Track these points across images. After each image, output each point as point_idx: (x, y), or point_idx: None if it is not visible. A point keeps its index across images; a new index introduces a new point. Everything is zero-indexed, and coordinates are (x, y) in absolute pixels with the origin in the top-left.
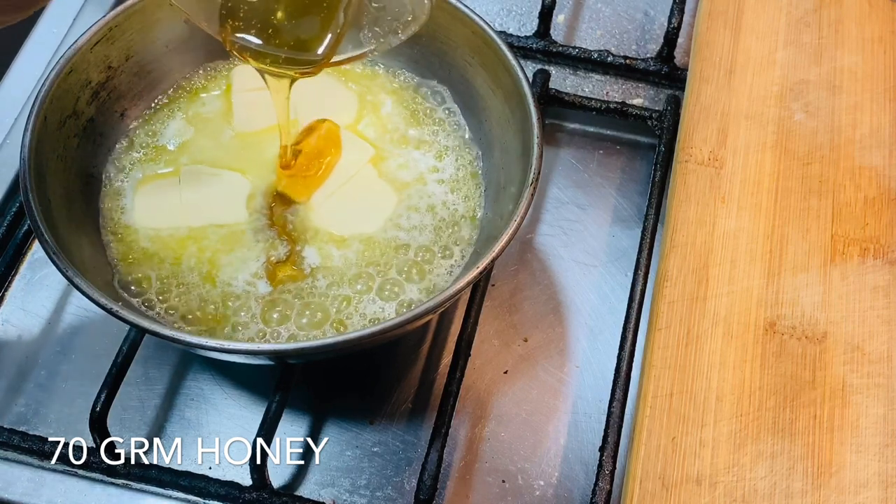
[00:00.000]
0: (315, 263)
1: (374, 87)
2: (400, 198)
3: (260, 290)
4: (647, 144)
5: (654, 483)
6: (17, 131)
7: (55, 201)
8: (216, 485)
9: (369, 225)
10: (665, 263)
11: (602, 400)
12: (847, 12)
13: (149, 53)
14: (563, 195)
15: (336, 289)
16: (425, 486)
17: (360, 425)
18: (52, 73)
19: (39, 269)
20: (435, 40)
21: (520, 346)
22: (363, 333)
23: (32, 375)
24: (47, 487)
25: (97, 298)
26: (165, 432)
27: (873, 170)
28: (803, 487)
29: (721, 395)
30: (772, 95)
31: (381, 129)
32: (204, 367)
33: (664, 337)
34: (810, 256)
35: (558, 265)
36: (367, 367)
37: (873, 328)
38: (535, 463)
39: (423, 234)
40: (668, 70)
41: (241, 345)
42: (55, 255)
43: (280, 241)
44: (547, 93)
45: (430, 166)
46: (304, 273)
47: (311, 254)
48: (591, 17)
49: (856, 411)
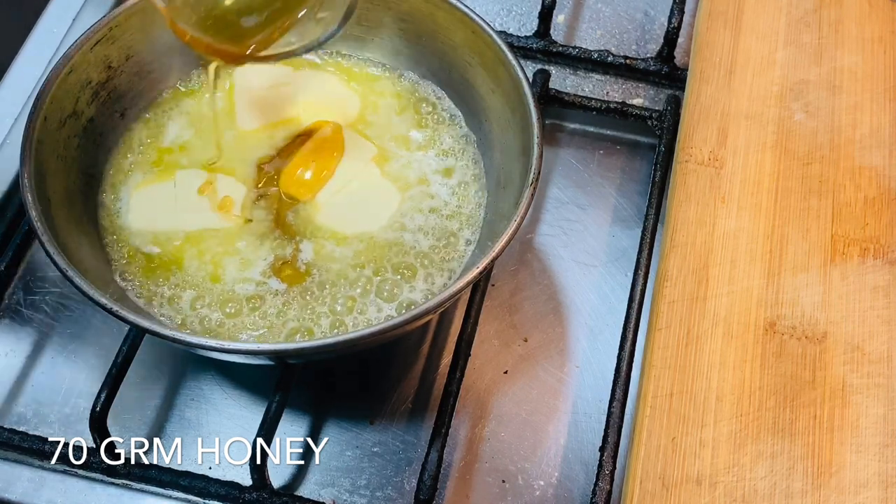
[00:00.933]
0: (316, 263)
1: (376, 87)
2: (403, 197)
3: (261, 289)
4: (647, 144)
5: (654, 483)
6: (17, 131)
7: (55, 201)
8: (216, 485)
9: (373, 223)
10: (665, 263)
11: (602, 400)
12: (847, 12)
13: (149, 53)
14: (563, 195)
15: (336, 288)
16: (425, 486)
17: (360, 425)
18: (52, 73)
19: (39, 269)
20: (435, 40)
21: (520, 346)
22: (363, 333)
23: (32, 375)
24: (47, 487)
25: (97, 298)
26: (165, 432)
27: (873, 170)
28: (803, 487)
29: (721, 395)
30: (772, 95)
31: (382, 129)
32: (204, 367)
33: (664, 337)
34: (810, 256)
35: (558, 265)
36: (367, 367)
37: (873, 328)
38: (535, 463)
39: (424, 233)
40: (668, 70)
41: (241, 345)
42: (55, 255)
43: (283, 241)
44: (547, 93)
45: (431, 166)
46: (306, 273)
47: (312, 253)
48: (591, 17)
49: (856, 411)
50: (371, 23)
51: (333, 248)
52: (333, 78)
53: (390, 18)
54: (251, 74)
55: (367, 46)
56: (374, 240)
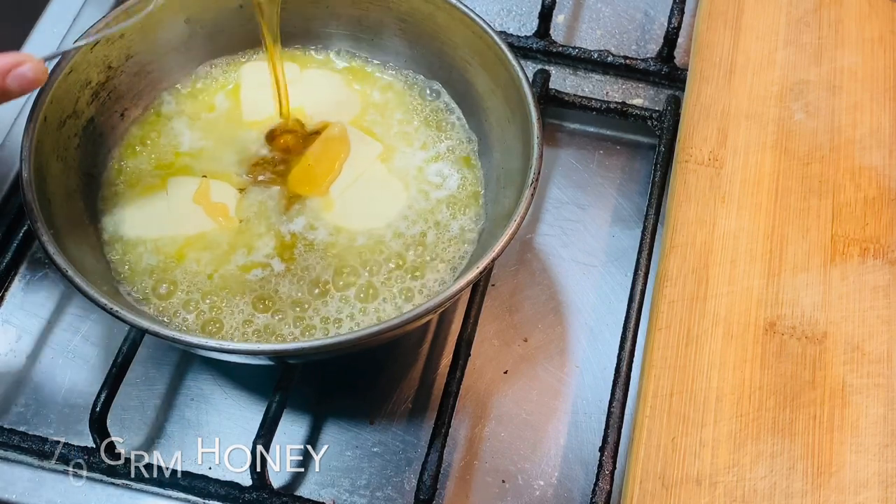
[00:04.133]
0: (316, 262)
1: (377, 87)
2: (407, 195)
3: (261, 289)
4: (647, 144)
5: (654, 483)
6: (17, 131)
7: (55, 201)
8: (216, 485)
9: (380, 219)
10: (665, 263)
11: (602, 400)
12: (847, 12)
13: (149, 53)
14: (563, 195)
15: (336, 288)
16: (425, 486)
17: (360, 425)
18: (52, 73)
19: (39, 269)
20: (435, 40)
21: (520, 346)
22: (363, 333)
23: (32, 375)
24: (47, 487)
25: (97, 298)
26: (165, 432)
27: (873, 170)
28: (803, 487)
29: (721, 395)
30: (772, 95)
31: (383, 128)
32: (204, 367)
33: (664, 337)
34: (810, 256)
35: (558, 265)
36: (367, 367)
37: (873, 328)
38: (535, 463)
39: (424, 233)
40: (668, 70)
41: (241, 345)
42: (55, 255)
43: (283, 240)
44: (547, 93)
45: (431, 166)
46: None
47: (313, 252)
48: (591, 17)
49: (856, 411)
50: (371, 23)
51: (334, 247)
52: (337, 76)
53: (390, 19)
54: (259, 73)
55: (367, 46)
56: (375, 237)
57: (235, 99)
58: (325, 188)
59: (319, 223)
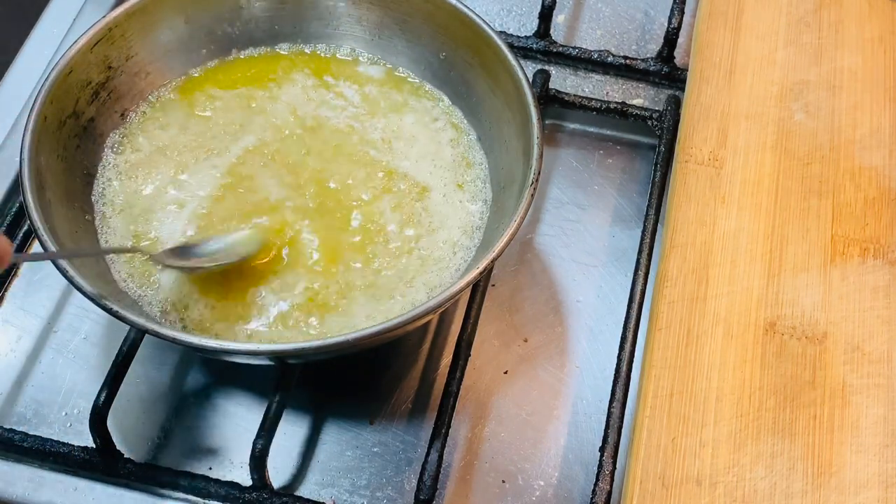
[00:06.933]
0: (316, 261)
1: (376, 86)
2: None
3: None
4: (647, 144)
5: (654, 483)
6: (17, 131)
7: (55, 202)
8: (216, 485)
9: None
10: (665, 263)
11: (602, 400)
12: (847, 12)
13: (149, 53)
14: (563, 195)
15: (337, 288)
16: (425, 486)
17: (360, 425)
18: (52, 73)
19: (39, 269)
20: (435, 40)
21: (520, 346)
22: (363, 333)
23: (32, 375)
24: (47, 487)
25: (97, 298)
26: (165, 432)
27: (873, 170)
28: (803, 487)
29: (721, 395)
30: (772, 95)
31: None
32: (204, 367)
33: (664, 337)
34: (810, 256)
35: (558, 265)
36: (367, 367)
37: (873, 328)
38: (535, 463)
39: (424, 233)
40: (668, 70)
41: (241, 345)
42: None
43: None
44: (547, 93)
45: (430, 167)
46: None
47: (313, 251)
48: (591, 17)
49: (856, 411)
50: (371, 23)
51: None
52: (335, 78)
53: (390, 19)
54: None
55: (367, 46)
56: (375, 237)
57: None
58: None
59: (319, 220)
